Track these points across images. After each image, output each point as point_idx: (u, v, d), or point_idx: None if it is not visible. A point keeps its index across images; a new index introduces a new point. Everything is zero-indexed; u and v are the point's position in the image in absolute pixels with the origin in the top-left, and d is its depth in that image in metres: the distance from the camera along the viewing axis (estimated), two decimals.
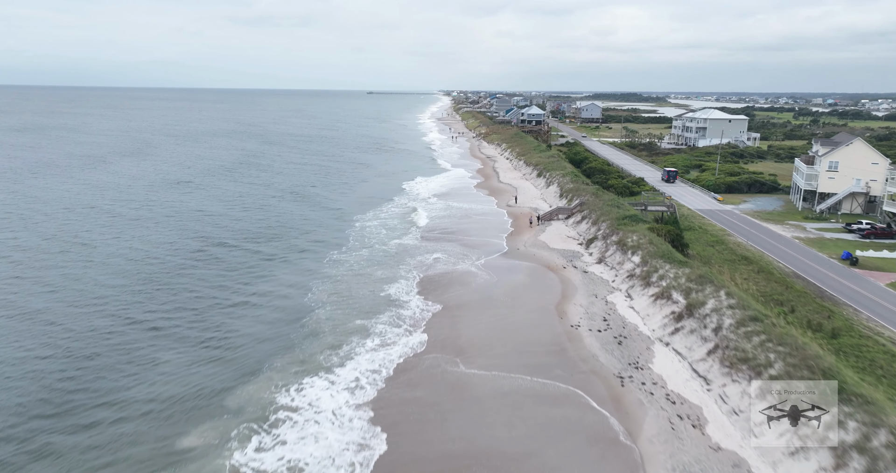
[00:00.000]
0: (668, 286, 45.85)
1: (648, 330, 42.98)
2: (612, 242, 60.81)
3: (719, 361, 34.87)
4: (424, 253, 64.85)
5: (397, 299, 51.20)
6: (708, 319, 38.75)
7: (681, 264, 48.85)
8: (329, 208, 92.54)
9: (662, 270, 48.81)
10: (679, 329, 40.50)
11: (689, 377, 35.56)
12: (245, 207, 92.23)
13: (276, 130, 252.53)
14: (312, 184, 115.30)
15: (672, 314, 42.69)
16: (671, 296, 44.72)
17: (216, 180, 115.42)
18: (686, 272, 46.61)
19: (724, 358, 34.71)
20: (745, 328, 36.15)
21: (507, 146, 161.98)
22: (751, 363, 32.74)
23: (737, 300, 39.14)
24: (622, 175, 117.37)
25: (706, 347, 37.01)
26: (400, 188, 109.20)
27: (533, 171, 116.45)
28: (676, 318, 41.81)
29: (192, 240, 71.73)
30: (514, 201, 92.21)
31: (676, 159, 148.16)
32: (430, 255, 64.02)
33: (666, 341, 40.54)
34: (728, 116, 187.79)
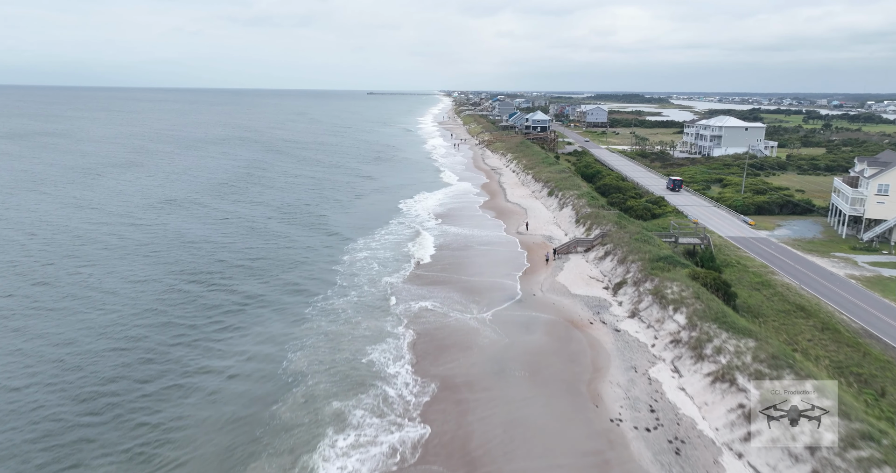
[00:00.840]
0: (730, 366, 36.58)
1: (711, 429, 33.70)
2: (645, 290, 51.53)
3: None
4: (420, 299, 55.62)
5: (382, 370, 41.93)
6: (798, 429, 29.41)
7: (742, 332, 39.57)
8: (320, 232, 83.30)
9: (718, 339, 39.56)
10: (754, 435, 31.21)
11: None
12: (231, 231, 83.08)
13: (276, 136, 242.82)
14: (307, 202, 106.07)
15: (740, 408, 33.45)
16: (735, 380, 35.48)
17: (206, 198, 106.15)
18: (751, 347, 37.34)
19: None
20: (855, 449, 26.88)
21: (513, 157, 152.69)
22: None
23: (834, 402, 29.79)
24: (639, 192, 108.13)
25: (801, 471, 27.72)
26: (398, 208, 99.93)
27: (543, 188, 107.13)
28: (747, 416, 32.56)
29: (161, 277, 62.62)
30: (524, 227, 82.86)
31: (694, 172, 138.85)
32: (427, 301, 54.79)
33: (738, 450, 31.30)
34: (744, 124, 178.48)
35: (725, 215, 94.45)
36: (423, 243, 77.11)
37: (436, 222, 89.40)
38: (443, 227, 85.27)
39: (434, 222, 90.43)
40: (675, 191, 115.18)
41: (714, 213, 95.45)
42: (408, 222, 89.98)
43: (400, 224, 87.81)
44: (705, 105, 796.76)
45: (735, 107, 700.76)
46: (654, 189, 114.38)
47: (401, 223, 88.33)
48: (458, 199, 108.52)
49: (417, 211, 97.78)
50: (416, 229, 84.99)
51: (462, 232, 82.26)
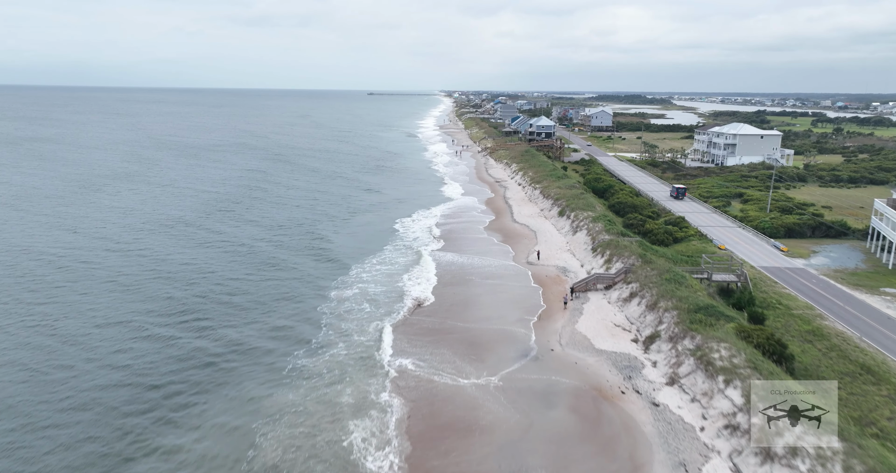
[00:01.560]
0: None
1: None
2: (685, 350, 43.62)
3: None
4: (414, 355, 47.73)
5: (360, 462, 34.13)
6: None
7: (822, 427, 31.62)
8: (310, 258, 75.50)
9: (790, 434, 31.65)
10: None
11: None
12: (215, 258, 75.37)
13: (278, 142, 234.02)
14: (299, 220, 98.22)
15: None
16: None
17: (194, 216, 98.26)
18: (838, 451, 29.40)
19: None
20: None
21: (518, 167, 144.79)
22: None
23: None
24: (655, 210, 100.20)
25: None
26: (394, 229, 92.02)
27: (553, 207, 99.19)
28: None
29: (128, 318, 55.06)
30: (535, 256, 74.82)
31: (711, 185, 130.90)
32: (422, 359, 46.91)
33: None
34: (760, 132, 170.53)
35: (753, 238, 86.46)
36: (421, 274, 69.22)
37: (436, 247, 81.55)
38: (443, 254, 77.28)
39: (434, 245, 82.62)
40: (678, 199, 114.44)
41: (740, 236, 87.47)
42: (405, 246, 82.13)
43: (396, 250, 79.88)
44: (708, 106, 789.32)
45: (739, 108, 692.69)
46: (672, 206, 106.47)
47: (397, 249, 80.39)
48: (460, 217, 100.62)
49: (416, 233, 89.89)
50: (413, 256, 77.16)
51: (465, 261, 74.34)
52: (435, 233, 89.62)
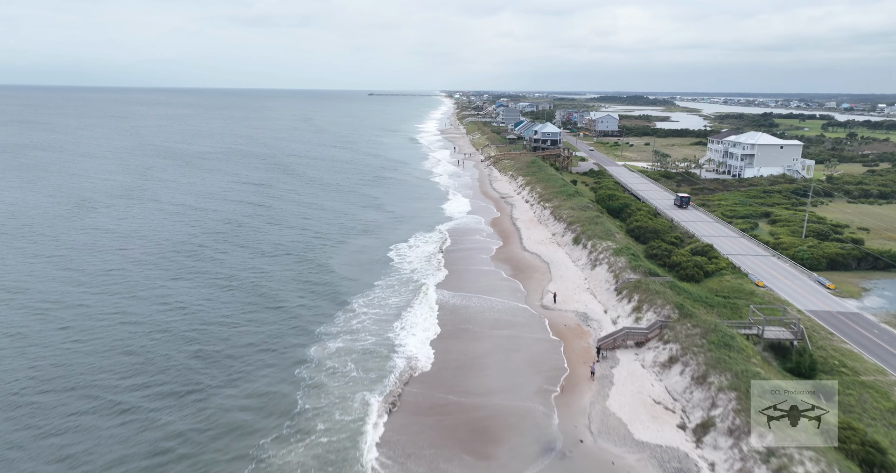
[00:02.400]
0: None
1: None
2: (752, 452, 34.44)
3: None
4: (403, 448, 38.62)
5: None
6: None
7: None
8: (294, 298, 66.27)
9: None
10: None
11: None
12: (183, 301, 66.00)
13: (281, 149, 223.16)
14: (288, 247, 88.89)
15: None
16: None
17: (185, 243, 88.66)
18: None
19: None
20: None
21: (525, 181, 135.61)
22: None
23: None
24: (678, 234, 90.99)
25: None
26: (389, 259, 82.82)
27: (566, 231, 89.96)
28: None
29: (62, 400, 45.56)
30: (551, 299, 65.48)
31: (732, 202, 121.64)
32: (412, 455, 37.79)
33: None
34: (779, 142, 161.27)
35: (791, 271, 77.14)
36: (418, 320, 60.17)
37: (436, 280, 72.51)
38: (444, 294, 68.05)
39: (434, 278, 73.61)
40: (682, 208, 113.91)
41: (776, 268, 78.20)
42: (402, 281, 72.97)
43: (390, 288, 70.64)
44: (712, 108, 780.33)
45: (744, 110, 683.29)
46: (694, 227, 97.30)
47: (392, 286, 71.13)
48: (463, 242, 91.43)
49: (414, 262, 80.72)
50: (409, 294, 68.12)
51: (470, 303, 65.14)
52: (435, 263, 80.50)
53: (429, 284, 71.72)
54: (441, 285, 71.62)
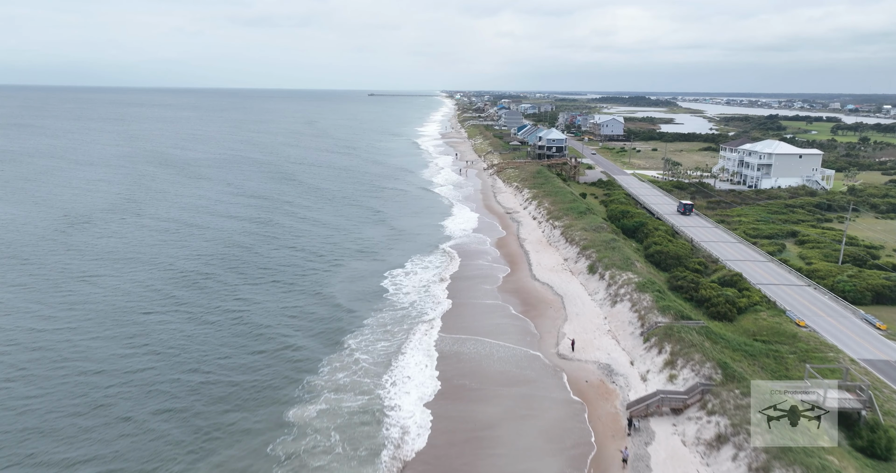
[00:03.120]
0: None
1: None
2: None
3: None
4: None
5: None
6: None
7: None
8: (274, 346, 58.46)
9: None
10: None
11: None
12: (160, 344, 58.42)
13: (285, 156, 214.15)
14: (278, 275, 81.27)
15: None
16: None
17: (173, 270, 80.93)
18: None
19: None
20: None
21: (531, 194, 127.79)
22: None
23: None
24: (703, 261, 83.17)
25: None
26: (384, 289, 75.01)
27: (580, 257, 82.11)
28: None
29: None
30: (569, 346, 57.50)
31: (753, 218, 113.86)
32: None
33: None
34: (798, 151, 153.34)
35: (833, 305, 69.24)
36: (413, 374, 52.58)
37: (434, 320, 64.77)
38: (443, 338, 60.25)
39: (433, 315, 66.00)
40: (685, 215, 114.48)
41: (814, 301, 70.33)
42: (396, 319, 65.34)
43: (383, 328, 62.93)
44: (715, 109, 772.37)
45: (748, 111, 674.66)
46: (717, 248, 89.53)
47: (384, 326, 63.34)
48: (466, 269, 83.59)
49: (412, 295, 73.02)
50: (403, 335, 60.61)
51: (473, 350, 57.30)
52: (435, 295, 72.75)
53: (427, 319, 64.24)
54: (440, 318, 64.06)
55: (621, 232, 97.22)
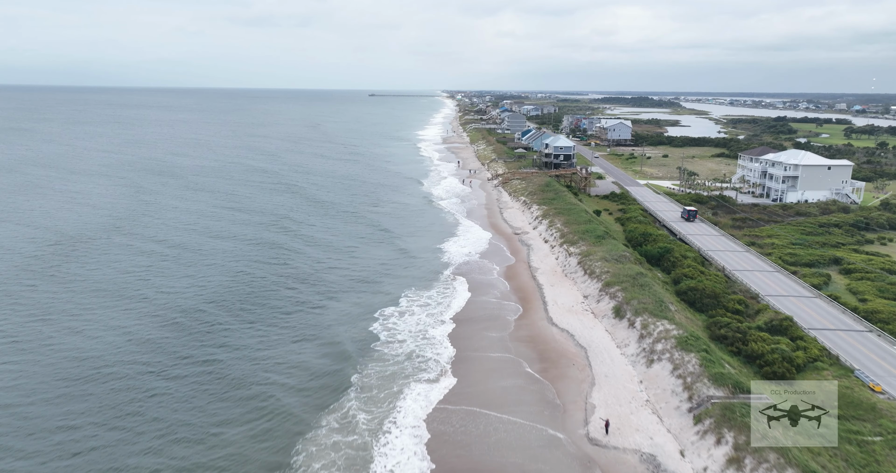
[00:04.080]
0: None
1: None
2: None
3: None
4: None
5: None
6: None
7: None
8: (232, 437, 48.08)
9: None
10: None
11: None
12: (108, 421, 47.80)
13: (291, 164, 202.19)
14: (255, 318, 71.06)
15: None
16: None
17: (148, 316, 70.50)
18: None
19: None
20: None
21: (541, 211, 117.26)
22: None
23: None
24: (743, 299, 72.59)
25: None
26: (374, 337, 64.62)
27: (602, 295, 71.56)
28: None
29: None
30: (600, 426, 46.93)
31: (785, 239, 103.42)
32: None
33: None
34: (826, 162, 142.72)
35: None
36: (394, 471, 42.13)
37: (432, 382, 54.44)
38: (439, 411, 49.69)
39: (428, 372, 55.79)
40: (689, 221, 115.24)
41: (881, 352, 59.82)
42: (383, 381, 54.94)
43: (367, 395, 52.45)
44: (721, 110, 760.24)
45: (754, 112, 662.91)
46: (755, 279, 79.12)
47: (368, 394, 52.78)
48: (471, 307, 73.09)
49: (407, 343, 62.75)
50: (389, 408, 50.24)
51: (477, 431, 46.65)
52: (433, 343, 62.48)
53: (424, 382, 53.98)
54: (438, 387, 53.57)
55: (645, 259, 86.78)
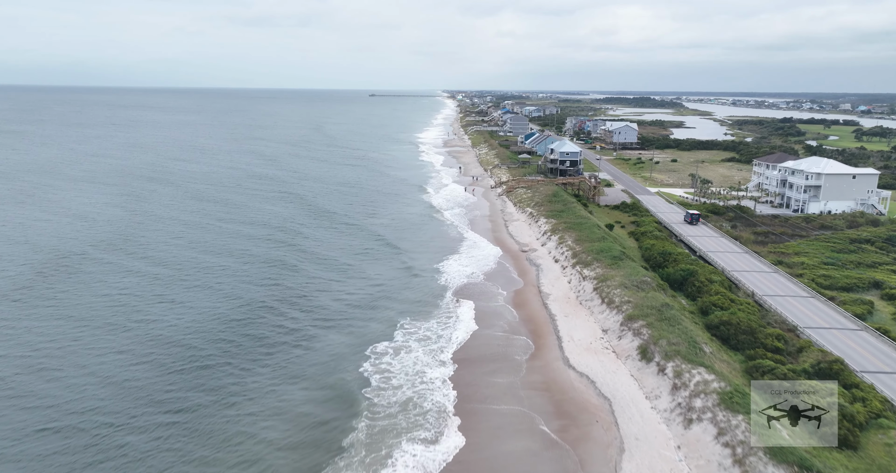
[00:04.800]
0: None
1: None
2: None
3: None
4: None
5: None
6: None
7: None
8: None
9: None
10: None
11: None
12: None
13: (295, 170, 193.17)
14: (230, 358, 63.12)
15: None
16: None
17: (119, 361, 62.57)
18: None
19: None
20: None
21: (549, 225, 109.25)
22: None
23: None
24: (782, 334, 64.50)
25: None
26: (364, 383, 56.59)
27: (624, 330, 63.53)
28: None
29: None
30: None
31: (815, 258, 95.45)
32: None
33: None
34: (851, 171, 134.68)
35: None
36: None
37: (428, 446, 46.54)
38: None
39: (425, 431, 47.97)
40: (692, 224, 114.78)
41: None
42: (373, 444, 46.96)
43: (357, 465, 44.56)
44: (724, 111, 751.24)
45: (759, 113, 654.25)
46: (790, 307, 71.21)
47: (350, 468, 44.82)
48: (476, 344, 65.10)
49: (403, 390, 54.83)
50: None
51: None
52: (432, 388, 54.50)
53: (419, 443, 46.09)
54: (435, 451, 45.67)
55: (667, 283, 78.69)
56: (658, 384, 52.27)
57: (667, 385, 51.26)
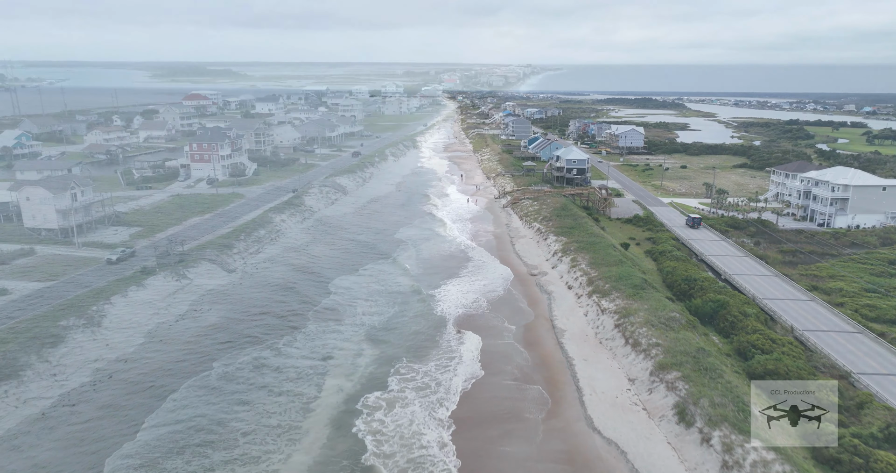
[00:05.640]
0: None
1: None
2: None
3: None
4: None
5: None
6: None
7: None
8: None
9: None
10: None
11: None
12: None
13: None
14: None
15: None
16: None
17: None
18: None
19: None
20: None
21: (560, 244, 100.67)
22: None
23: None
24: (841, 405, 55.89)
25: None
26: (358, 451, 48.24)
27: (656, 381, 54.98)
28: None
29: None
30: None
31: (853, 284, 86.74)
32: None
33: None
34: (882, 182, 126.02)
35: None
36: None
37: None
38: None
39: None
40: (694, 228, 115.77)
41: None
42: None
43: None
44: (728, 112, 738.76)
45: (761, 114, 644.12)
46: (833, 344, 62.89)
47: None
48: (481, 396, 56.72)
49: (395, 460, 46.37)
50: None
51: None
52: (430, 459, 46.06)
53: None
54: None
55: (697, 321, 70.06)
56: (703, 458, 43.69)
57: (714, 462, 42.67)
